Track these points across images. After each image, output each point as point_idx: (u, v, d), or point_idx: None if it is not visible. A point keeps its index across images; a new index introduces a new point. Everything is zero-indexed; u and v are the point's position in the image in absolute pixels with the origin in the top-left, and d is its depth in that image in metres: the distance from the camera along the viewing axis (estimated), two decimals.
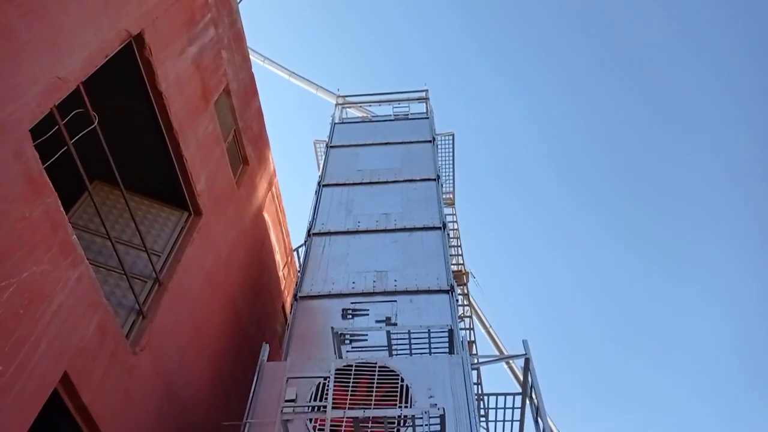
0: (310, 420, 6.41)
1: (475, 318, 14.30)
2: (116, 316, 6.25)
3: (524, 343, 7.64)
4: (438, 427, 5.86)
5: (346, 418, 6.04)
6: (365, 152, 12.91)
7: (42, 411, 4.88)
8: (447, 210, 14.08)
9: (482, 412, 8.82)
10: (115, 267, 7.02)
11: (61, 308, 5.15)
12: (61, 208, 5.30)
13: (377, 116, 15.58)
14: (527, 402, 8.24)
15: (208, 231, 8.71)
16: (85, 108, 5.85)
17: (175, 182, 8.00)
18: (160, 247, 7.78)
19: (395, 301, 9.17)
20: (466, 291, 13.85)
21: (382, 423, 6.00)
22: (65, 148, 5.52)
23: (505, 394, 8.19)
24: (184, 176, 7.94)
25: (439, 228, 10.50)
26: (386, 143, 13.10)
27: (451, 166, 15.15)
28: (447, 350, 7.74)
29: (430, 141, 13.16)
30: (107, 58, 6.08)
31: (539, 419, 7.42)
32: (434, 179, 11.75)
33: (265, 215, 11.90)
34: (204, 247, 8.54)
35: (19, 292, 4.67)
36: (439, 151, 14.24)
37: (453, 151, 14.94)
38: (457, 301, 9.81)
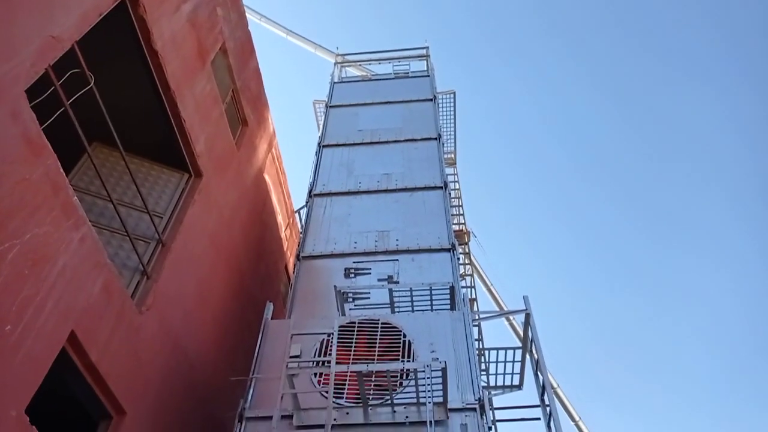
0: (315, 374, 6.55)
1: (476, 276, 14.41)
2: (121, 276, 6.33)
3: (525, 299, 7.74)
4: (440, 381, 5.98)
5: (350, 372, 6.17)
6: (365, 112, 12.78)
7: (52, 369, 4.99)
8: (448, 170, 13.99)
9: (483, 366, 9.01)
10: (118, 229, 7.07)
11: (66, 269, 5.21)
12: (62, 170, 5.30)
13: (377, 75, 15.36)
14: (527, 356, 8.41)
15: (209, 192, 8.72)
16: (80, 68, 5.78)
17: (174, 143, 7.96)
18: (162, 208, 7.80)
19: (397, 260, 9.23)
20: (467, 250, 13.91)
21: (385, 377, 6.13)
22: (62, 109, 5.48)
23: (506, 349, 8.35)
24: (182, 137, 7.90)
25: (441, 188, 10.48)
26: (386, 102, 12.95)
27: (452, 125, 15.01)
28: (448, 307, 7.85)
29: (431, 99, 13.00)
30: (101, 17, 5.96)
31: (539, 373, 7.57)
32: (435, 138, 11.67)
33: (266, 177, 11.88)
34: (206, 209, 8.56)
35: (23, 254, 4.71)
36: (440, 109, 14.08)
37: (454, 110, 14.78)
38: (459, 259, 9.88)
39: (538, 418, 7.93)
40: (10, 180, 4.64)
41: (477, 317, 8.37)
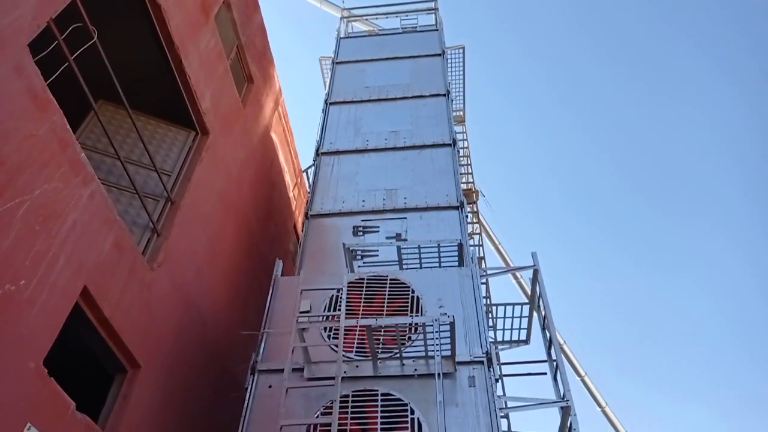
0: (325, 329, 6.64)
1: (484, 236, 14.41)
2: (131, 234, 6.37)
3: (533, 255, 7.73)
4: (448, 335, 6.05)
5: (359, 326, 6.24)
6: (372, 68, 12.55)
7: (67, 324, 5.09)
8: (457, 128, 13.82)
9: (490, 322, 9.10)
10: (126, 187, 7.08)
11: (76, 225, 5.24)
12: (68, 126, 5.27)
13: (384, 30, 15.01)
14: (534, 313, 8.47)
15: (217, 150, 8.68)
16: (83, 22, 5.67)
17: (179, 101, 7.88)
18: (170, 166, 7.79)
19: (405, 218, 9.22)
20: (475, 209, 13.87)
21: (394, 331, 6.20)
22: (66, 64, 5.41)
23: (513, 304, 8.40)
24: (188, 94, 7.81)
25: (449, 145, 10.36)
26: (394, 58, 12.69)
27: (461, 81, 14.73)
28: (457, 264, 7.88)
29: (439, 54, 12.72)
30: None
31: (546, 328, 7.64)
32: (444, 95, 11.47)
33: (273, 135, 11.80)
34: (213, 167, 8.54)
35: (34, 209, 4.74)
36: (449, 65, 13.81)
37: (464, 66, 14.48)
38: (467, 218, 9.86)
39: (545, 373, 8.04)
40: (17, 136, 4.62)
41: (485, 273, 8.40)
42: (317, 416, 5.75)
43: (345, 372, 6.02)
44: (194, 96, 7.88)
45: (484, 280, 9.29)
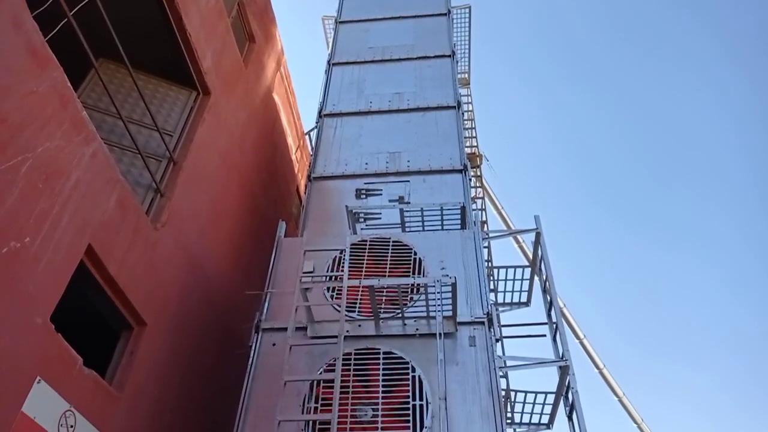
0: (328, 289, 6.71)
1: (486, 200, 14.41)
2: (134, 193, 6.37)
3: (536, 218, 7.74)
4: (449, 296, 6.11)
5: (362, 286, 6.31)
6: (376, 27, 12.31)
7: (73, 283, 5.14)
8: (462, 90, 13.65)
9: (492, 285, 9.17)
10: (128, 146, 7.05)
11: (79, 183, 5.24)
12: (68, 84, 5.21)
13: None
14: (536, 276, 8.53)
15: (219, 111, 8.60)
16: None
17: (180, 60, 7.77)
18: (171, 126, 7.73)
19: (408, 181, 9.19)
20: (478, 173, 13.83)
21: (396, 292, 6.26)
22: (65, 20, 5.31)
23: (515, 267, 8.45)
24: (189, 52, 7.69)
25: (454, 107, 10.25)
26: (398, 17, 12.44)
27: (466, 42, 14.47)
28: (459, 226, 7.89)
29: (444, 14, 12.46)
30: None
31: (547, 290, 7.70)
32: (449, 56, 11.28)
33: (275, 96, 11.67)
34: (215, 127, 8.48)
35: (36, 167, 4.72)
36: (455, 25, 13.53)
37: (469, 27, 14.21)
38: (470, 182, 9.83)
39: (544, 335, 8.15)
40: (17, 92, 4.57)
41: (487, 236, 8.42)
42: (320, 373, 5.86)
43: (347, 331, 6.10)
44: (195, 55, 7.77)
45: (486, 243, 9.33)
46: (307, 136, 13.69)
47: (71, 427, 4.87)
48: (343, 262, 6.25)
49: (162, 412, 6.43)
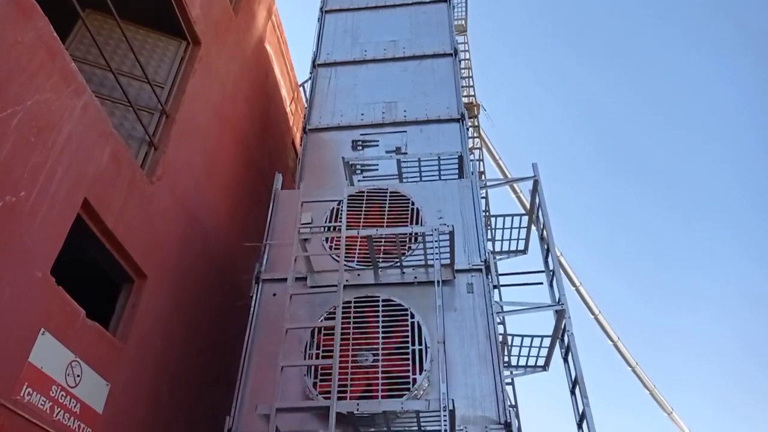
0: (326, 240, 6.74)
1: (484, 151, 14.31)
2: (128, 147, 6.30)
3: (534, 165, 7.71)
4: (447, 244, 6.14)
5: (360, 237, 6.34)
6: None
7: (72, 237, 5.15)
8: (458, 38, 13.33)
9: (489, 235, 9.23)
10: (119, 99, 6.92)
11: (72, 137, 5.17)
12: (55, 35, 5.06)
13: None
14: (533, 224, 8.57)
15: (210, 62, 8.41)
16: None
17: (168, 8, 7.53)
18: (162, 78, 7.57)
19: (405, 131, 9.11)
20: (476, 123, 13.68)
21: (394, 242, 6.30)
22: None
23: (512, 215, 8.48)
24: (177, 0, 7.46)
25: (450, 55, 10.04)
26: None
27: None
28: (457, 176, 7.86)
29: None
30: None
31: (544, 237, 7.75)
32: (445, 1, 10.98)
33: (267, 47, 11.40)
34: (207, 79, 8.31)
35: (27, 120, 4.65)
36: None
37: None
38: (467, 132, 9.73)
39: (540, 283, 8.26)
40: (2, 43, 4.45)
41: (485, 185, 8.41)
42: (321, 320, 5.96)
43: (347, 280, 6.16)
44: (183, 3, 7.53)
45: (483, 193, 9.34)
46: (301, 88, 13.45)
47: (78, 376, 4.97)
48: (341, 213, 6.26)
49: (167, 362, 6.57)
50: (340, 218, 6.24)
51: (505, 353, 7.82)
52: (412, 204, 7.05)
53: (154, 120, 7.11)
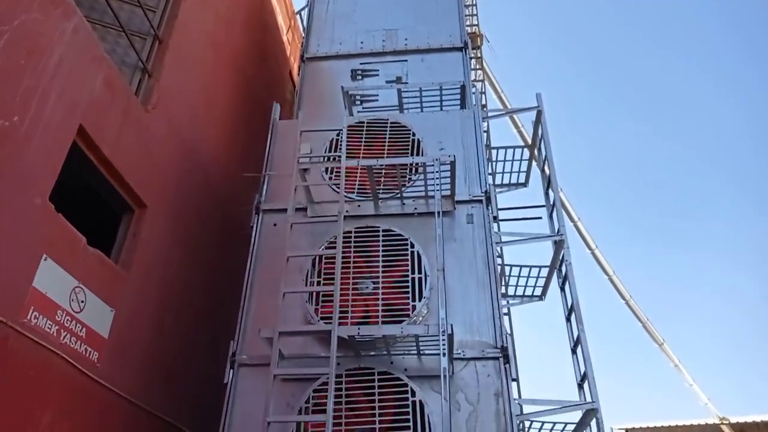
0: (326, 170, 6.69)
1: (486, 83, 13.99)
2: (121, 73, 6.13)
3: (537, 96, 7.55)
4: (448, 175, 6.10)
5: (360, 167, 6.28)
6: None
7: (70, 166, 5.09)
8: None
9: (490, 170, 9.15)
10: (111, 24, 6.67)
11: (63, 61, 5.01)
12: None
13: None
14: (534, 158, 8.49)
15: None
16: None
17: None
18: (153, 2, 7.27)
19: (406, 60, 8.87)
20: (479, 54, 13.30)
21: (395, 172, 6.24)
22: None
23: (514, 147, 8.39)
24: None
25: None
26: None
27: None
28: (459, 107, 7.71)
29: None
30: None
31: (546, 170, 7.69)
32: None
33: None
34: (200, 4, 8.00)
35: (15, 41, 4.49)
36: None
37: None
38: (470, 62, 9.47)
39: (540, 217, 8.28)
40: None
41: (486, 116, 8.26)
42: (322, 249, 6.00)
43: (347, 211, 6.15)
44: None
45: (485, 126, 9.19)
46: (298, 16, 13.00)
47: (82, 302, 5.05)
48: (341, 144, 6.17)
49: (170, 290, 6.66)
50: (340, 149, 6.16)
51: (503, 284, 7.94)
52: (413, 135, 6.95)
53: (146, 46, 6.88)
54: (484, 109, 11.49)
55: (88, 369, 5.02)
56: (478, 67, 13.12)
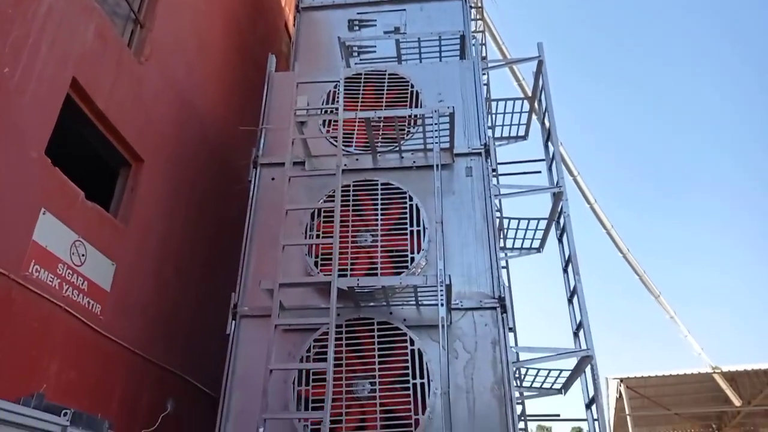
0: (324, 123, 6.62)
1: (487, 34, 13.68)
2: (113, 24, 5.98)
3: (539, 45, 7.39)
4: (447, 127, 6.04)
5: (358, 119, 6.21)
6: None
7: (65, 121, 5.02)
8: None
9: (489, 123, 9.06)
10: None
11: (53, 10, 4.88)
12: None
13: None
14: (534, 112, 8.39)
15: None
16: None
17: None
18: None
19: (404, 9, 8.66)
20: (479, 4, 12.96)
21: (393, 125, 6.18)
22: None
23: (514, 99, 8.28)
24: None
25: None
26: None
27: None
28: (458, 57, 7.57)
29: None
30: None
31: (546, 123, 7.62)
32: None
33: None
34: None
35: None
36: None
37: None
38: (470, 12, 9.23)
39: (539, 171, 8.26)
40: None
41: (487, 66, 8.11)
42: (321, 202, 6.00)
43: (345, 165, 6.12)
44: None
45: (485, 78, 9.04)
46: None
47: (82, 255, 5.08)
48: (338, 96, 6.08)
49: (170, 243, 6.70)
50: (337, 101, 6.07)
51: (501, 236, 7.98)
52: (412, 86, 6.84)
53: None
54: (484, 60, 11.30)
55: (92, 321, 5.10)
56: (478, 17, 12.80)
